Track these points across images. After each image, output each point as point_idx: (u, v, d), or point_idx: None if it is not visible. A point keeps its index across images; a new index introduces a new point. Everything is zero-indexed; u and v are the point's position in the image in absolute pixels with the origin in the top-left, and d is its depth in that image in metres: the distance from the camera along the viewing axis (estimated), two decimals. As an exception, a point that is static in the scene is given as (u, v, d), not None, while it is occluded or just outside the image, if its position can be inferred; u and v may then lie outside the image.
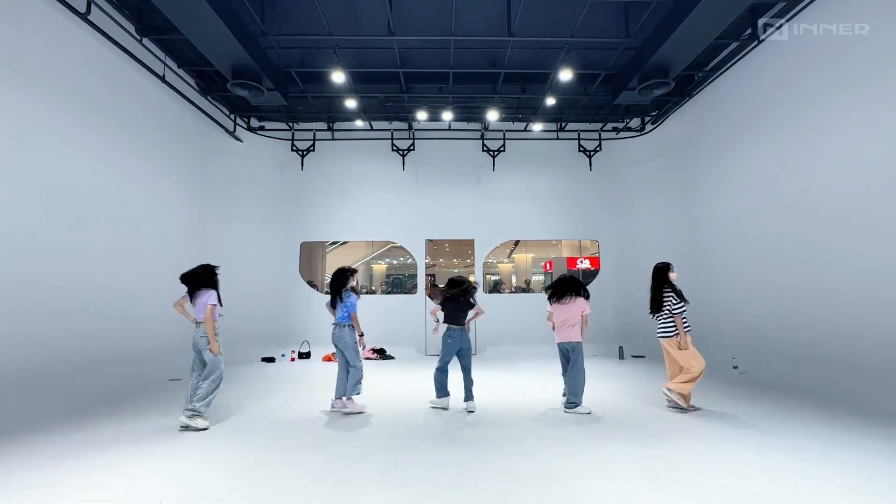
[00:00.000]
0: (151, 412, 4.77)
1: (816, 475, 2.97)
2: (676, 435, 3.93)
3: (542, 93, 8.10)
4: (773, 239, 6.55)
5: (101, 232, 6.09)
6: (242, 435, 3.99)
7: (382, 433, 4.05)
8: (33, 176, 5.09)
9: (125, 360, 6.34)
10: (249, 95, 6.75)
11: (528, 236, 10.21)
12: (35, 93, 5.11)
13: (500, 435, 3.97)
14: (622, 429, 4.10)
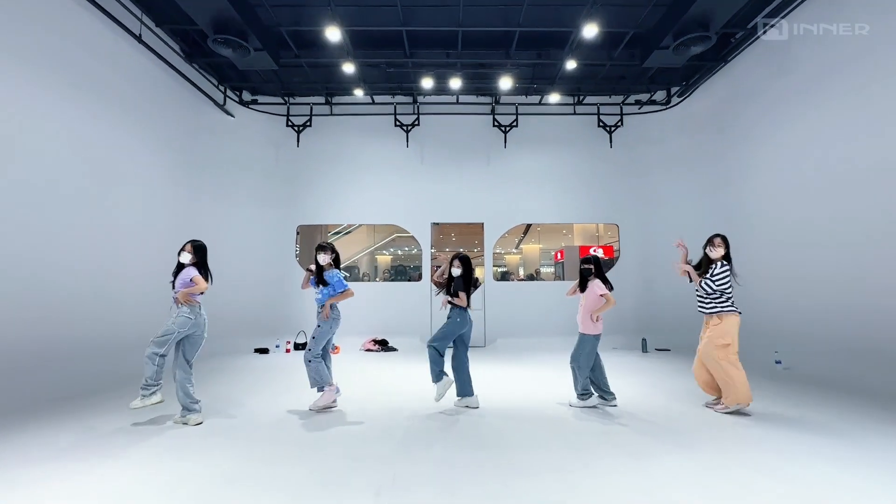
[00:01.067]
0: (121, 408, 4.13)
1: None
2: (730, 442, 3.22)
3: (560, 58, 7.30)
4: (817, 222, 5.87)
5: (72, 211, 5.45)
6: (216, 439, 3.33)
7: (380, 438, 3.37)
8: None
9: (98, 351, 5.72)
10: (234, 56, 6.03)
11: (541, 220, 9.43)
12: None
13: (521, 440, 3.28)
14: (669, 435, 3.39)
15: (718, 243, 4.16)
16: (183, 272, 3.89)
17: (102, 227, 5.91)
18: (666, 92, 8.97)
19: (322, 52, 7.35)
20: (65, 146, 5.34)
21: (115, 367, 5.61)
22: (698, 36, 5.64)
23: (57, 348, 5.11)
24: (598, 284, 4.28)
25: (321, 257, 4.27)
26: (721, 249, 4.15)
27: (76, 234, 5.50)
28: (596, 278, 4.35)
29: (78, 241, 5.52)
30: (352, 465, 2.81)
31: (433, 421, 3.83)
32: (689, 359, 7.18)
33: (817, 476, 2.61)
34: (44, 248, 5.03)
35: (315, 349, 4.14)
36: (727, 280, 4.03)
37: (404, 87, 8.55)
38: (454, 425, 3.69)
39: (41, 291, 4.98)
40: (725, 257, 4.16)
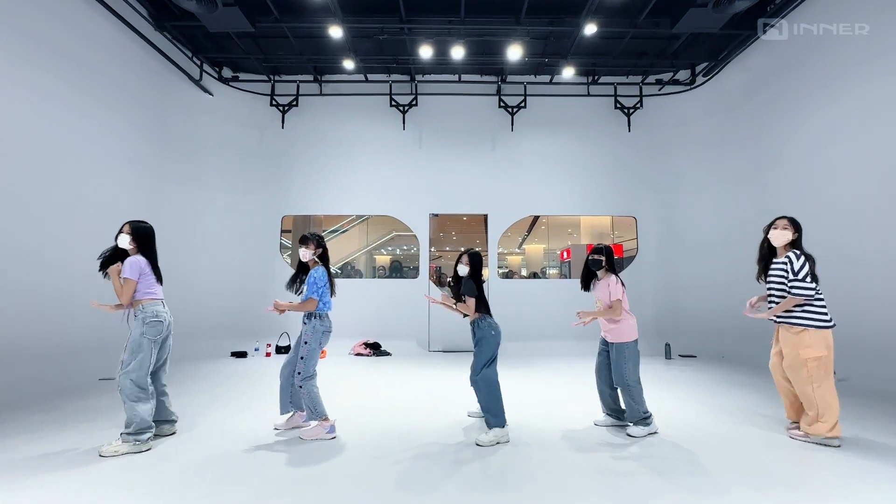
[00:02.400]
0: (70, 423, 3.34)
1: None
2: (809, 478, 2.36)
3: (576, 25, 6.44)
4: (871, 216, 5.06)
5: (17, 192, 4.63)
6: (168, 463, 2.50)
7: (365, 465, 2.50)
8: None
9: (46, 355, 4.87)
10: (200, 11, 5.18)
11: (552, 212, 8.55)
12: None
13: (535, 472, 2.41)
14: (718, 467, 2.51)
15: (784, 225, 3.23)
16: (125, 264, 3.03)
17: (54, 214, 5.08)
18: (690, 71, 8.11)
19: (307, 17, 6.49)
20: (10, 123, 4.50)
21: (60, 374, 4.78)
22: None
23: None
24: (615, 283, 3.36)
25: (303, 252, 3.36)
26: (788, 233, 3.21)
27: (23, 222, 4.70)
28: (610, 273, 3.44)
29: (21, 231, 4.70)
30: (332, 497, 1.94)
31: (434, 445, 2.96)
32: (718, 366, 6.37)
33: None
34: None
35: (306, 371, 3.23)
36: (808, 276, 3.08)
37: (400, 60, 7.67)
38: (460, 452, 2.82)
39: None
40: (795, 245, 3.23)
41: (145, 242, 3.16)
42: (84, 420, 3.57)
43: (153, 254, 3.19)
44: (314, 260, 3.41)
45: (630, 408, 3.33)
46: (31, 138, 4.84)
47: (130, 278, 2.97)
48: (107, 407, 3.94)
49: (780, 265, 3.22)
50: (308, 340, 3.26)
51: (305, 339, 3.27)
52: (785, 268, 3.16)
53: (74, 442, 3.03)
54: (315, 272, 3.31)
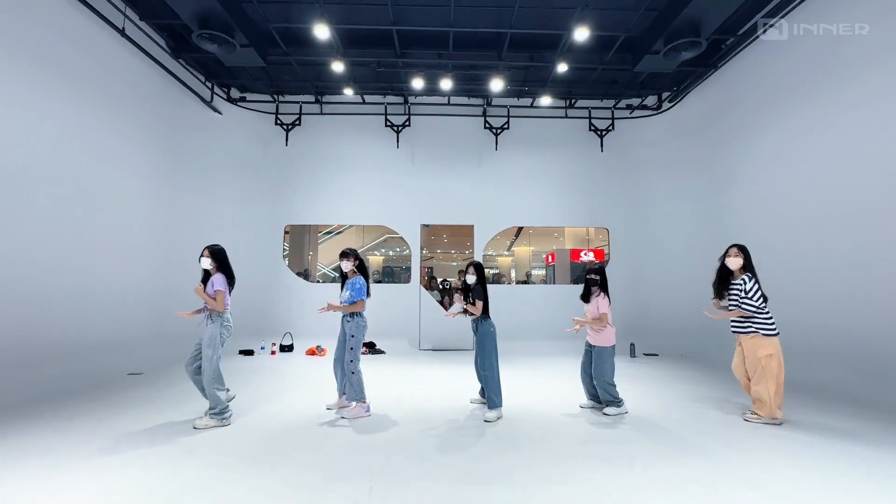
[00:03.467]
0: (98, 414, 4.02)
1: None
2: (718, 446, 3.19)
3: (552, 61, 7.26)
4: (811, 229, 5.86)
5: (50, 206, 5.28)
6: (198, 445, 3.24)
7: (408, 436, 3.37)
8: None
9: (78, 352, 5.56)
10: (220, 52, 5.90)
11: (532, 223, 9.39)
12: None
13: (535, 438, 3.21)
14: (660, 443, 3.34)
15: (735, 253, 4.06)
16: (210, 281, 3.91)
17: (81, 224, 5.74)
18: (657, 97, 8.99)
19: (311, 50, 7.24)
20: (43, 140, 5.17)
21: (92, 369, 5.47)
22: (689, 41, 5.62)
23: (32, 349, 4.95)
24: (604, 302, 4.23)
25: (344, 264, 4.25)
26: (739, 259, 4.04)
27: (53, 231, 5.33)
28: (602, 292, 4.29)
29: (55, 238, 5.36)
30: (329, 473, 2.72)
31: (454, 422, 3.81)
32: (678, 364, 7.24)
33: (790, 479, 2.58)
34: (20, 245, 4.87)
35: (357, 361, 4.09)
36: (760, 294, 3.93)
37: (395, 87, 8.46)
38: (473, 426, 3.64)
39: (15, 291, 4.82)
40: (747, 269, 4.05)
41: (222, 261, 3.99)
42: (152, 405, 4.31)
43: (229, 269, 4.01)
44: (353, 270, 4.25)
45: (605, 397, 4.21)
46: (60, 157, 5.43)
47: (221, 289, 3.83)
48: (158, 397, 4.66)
49: (737, 285, 4.04)
50: (354, 334, 4.10)
51: (352, 334, 4.09)
52: (741, 288, 3.97)
53: (166, 417, 3.83)
54: (357, 280, 4.17)
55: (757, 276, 4.01)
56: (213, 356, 3.75)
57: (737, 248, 4.06)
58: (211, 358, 3.74)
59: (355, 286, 4.14)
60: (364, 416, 4.04)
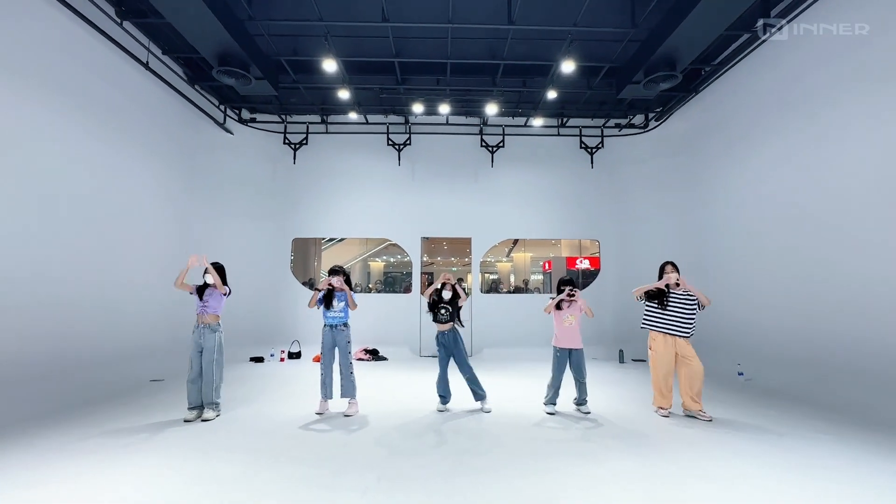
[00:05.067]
0: (126, 415, 4.51)
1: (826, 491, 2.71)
2: (681, 446, 3.67)
3: (543, 86, 7.79)
4: (780, 243, 6.32)
5: (77, 225, 5.76)
6: (217, 444, 3.72)
7: (372, 445, 3.77)
8: (3, 169, 4.77)
9: (103, 361, 6.05)
10: (237, 84, 6.43)
11: (526, 235, 9.91)
12: (2, 80, 4.77)
13: (496, 447, 3.70)
14: (626, 440, 3.82)
15: (671, 269, 4.78)
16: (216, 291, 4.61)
17: (104, 241, 6.19)
18: (644, 116, 9.51)
19: (318, 77, 7.78)
20: (69, 164, 5.61)
21: (117, 377, 5.95)
22: (666, 74, 6.14)
23: (61, 359, 5.42)
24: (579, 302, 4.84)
25: (335, 280, 4.80)
26: (676, 274, 4.74)
27: (78, 248, 5.76)
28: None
29: (80, 256, 5.78)
30: (342, 466, 3.22)
31: (422, 429, 4.25)
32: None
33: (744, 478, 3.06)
34: (47, 262, 5.27)
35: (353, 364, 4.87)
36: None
37: (397, 109, 9.01)
38: (474, 420, 4.11)
39: (45, 305, 5.23)
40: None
41: (222, 275, 4.64)
42: (174, 407, 4.80)
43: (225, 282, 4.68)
44: (342, 287, 4.84)
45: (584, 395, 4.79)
46: (91, 179, 5.91)
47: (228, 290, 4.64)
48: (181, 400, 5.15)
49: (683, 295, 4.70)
50: (350, 340, 4.83)
51: (348, 340, 4.82)
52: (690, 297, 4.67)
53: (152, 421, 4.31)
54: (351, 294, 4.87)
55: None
56: (222, 360, 4.55)
57: (672, 266, 4.82)
58: (219, 361, 4.50)
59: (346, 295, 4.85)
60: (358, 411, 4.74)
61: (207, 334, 4.47)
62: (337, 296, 4.81)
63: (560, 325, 4.86)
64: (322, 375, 4.77)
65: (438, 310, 4.87)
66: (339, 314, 4.80)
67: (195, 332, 4.53)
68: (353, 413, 4.66)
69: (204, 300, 4.55)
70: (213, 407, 4.47)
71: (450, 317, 4.87)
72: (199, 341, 4.48)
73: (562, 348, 4.82)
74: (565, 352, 4.81)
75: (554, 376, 4.83)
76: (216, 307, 4.59)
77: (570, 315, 4.85)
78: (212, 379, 4.43)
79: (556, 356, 4.84)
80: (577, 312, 4.84)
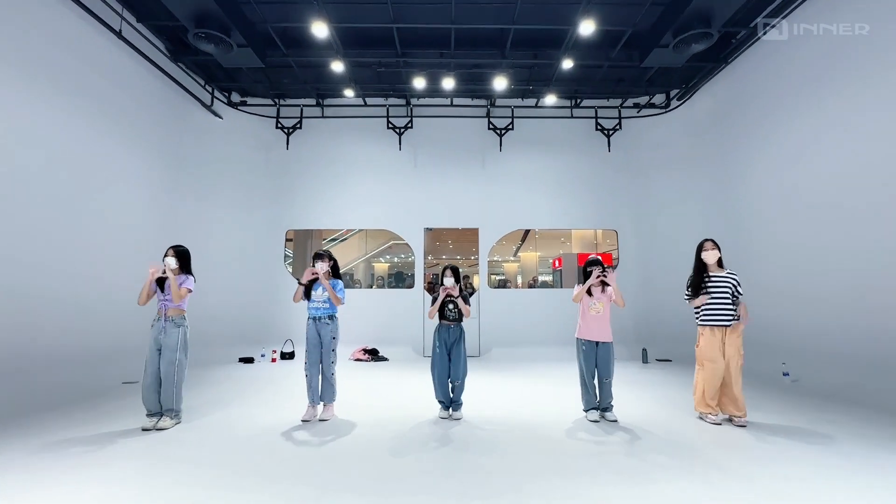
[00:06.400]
0: (84, 422, 3.84)
1: None
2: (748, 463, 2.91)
3: (556, 58, 7.08)
4: (828, 230, 5.58)
5: (45, 213, 5.16)
6: (190, 453, 3.02)
7: (367, 453, 3.04)
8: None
9: (71, 361, 5.39)
10: (217, 52, 5.79)
11: (538, 225, 9.16)
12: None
13: (514, 459, 2.96)
14: (667, 455, 3.06)
15: (711, 247, 4.09)
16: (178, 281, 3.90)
17: (78, 230, 5.62)
18: (665, 95, 8.76)
19: (311, 51, 7.12)
20: (39, 145, 5.07)
21: (86, 378, 5.31)
22: (700, 33, 5.41)
23: (21, 357, 4.79)
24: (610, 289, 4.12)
25: (320, 266, 4.10)
26: (717, 252, 4.07)
27: (50, 237, 5.20)
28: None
29: (52, 245, 5.23)
30: (322, 491, 2.49)
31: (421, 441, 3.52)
32: (691, 370, 6.89)
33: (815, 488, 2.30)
34: (16, 250, 4.76)
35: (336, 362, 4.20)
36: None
37: (397, 87, 8.32)
38: (452, 445, 3.38)
39: (13, 296, 4.71)
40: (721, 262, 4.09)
41: (187, 263, 4.00)
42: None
43: (190, 271, 4.01)
44: (328, 272, 4.17)
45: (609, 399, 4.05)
46: (58, 162, 5.34)
47: (191, 290, 3.92)
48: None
49: (723, 278, 3.99)
50: (336, 336, 4.15)
51: (334, 336, 4.12)
52: (733, 279, 3.98)
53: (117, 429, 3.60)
54: (338, 282, 4.18)
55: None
56: (185, 360, 3.87)
57: (712, 242, 4.10)
58: (182, 361, 3.82)
59: (338, 286, 4.15)
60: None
61: (170, 329, 3.83)
62: (321, 283, 4.13)
63: (586, 313, 4.13)
64: (308, 377, 4.10)
65: (445, 304, 4.17)
66: (323, 304, 4.12)
67: (154, 326, 3.87)
68: (330, 416, 4.08)
69: (166, 292, 3.87)
70: (171, 414, 3.78)
71: (458, 314, 4.19)
72: (158, 338, 3.82)
73: (587, 340, 4.09)
74: (591, 344, 4.08)
75: (583, 374, 4.11)
76: (181, 300, 3.91)
77: (599, 302, 4.12)
78: (172, 382, 3.75)
79: (582, 350, 4.11)
80: (607, 300, 4.10)
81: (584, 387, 4.12)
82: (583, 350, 4.11)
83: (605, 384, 4.03)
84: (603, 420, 4.02)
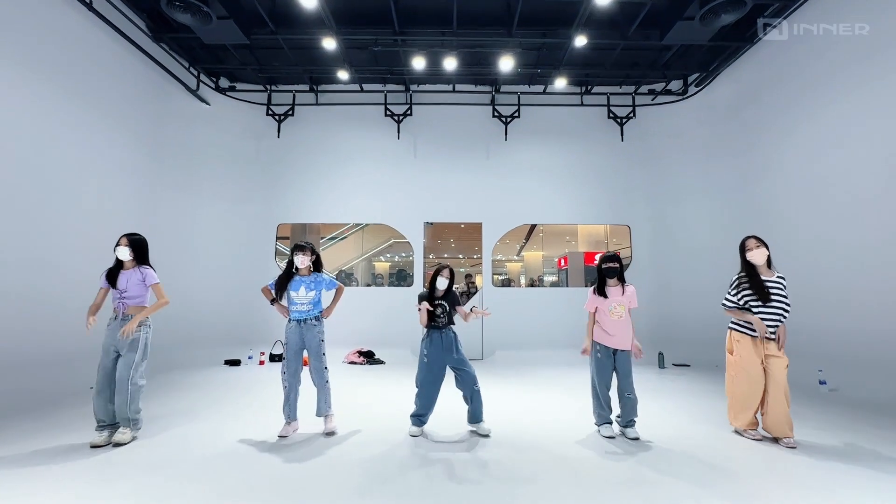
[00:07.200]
0: (30, 434, 3.33)
1: None
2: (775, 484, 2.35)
3: (567, 37, 6.52)
4: (867, 226, 5.02)
5: (18, 207, 4.69)
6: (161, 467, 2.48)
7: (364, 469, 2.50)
8: None
9: (34, 364, 4.88)
10: (195, 23, 5.27)
11: (545, 220, 8.59)
12: None
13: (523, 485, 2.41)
14: (717, 479, 2.50)
15: (756, 244, 3.48)
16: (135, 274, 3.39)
17: (49, 221, 5.11)
18: (682, 80, 8.18)
19: (301, 29, 6.59)
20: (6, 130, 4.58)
21: (47, 384, 4.78)
22: (730, 1, 4.85)
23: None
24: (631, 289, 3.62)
25: (301, 259, 3.58)
26: (765, 250, 3.46)
27: (15, 229, 4.71)
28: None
29: (18, 238, 4.74)
30: None
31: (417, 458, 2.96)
32: (713, 376, 6.34)
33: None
34: None
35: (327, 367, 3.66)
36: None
37: (395, 71, 7.77)
38: (449, 460, 2.82)
39: None
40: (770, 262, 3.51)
41: (144, 254, 3.49)
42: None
43: (147, 263, 3.50)
44: (308, 267, 3.65)
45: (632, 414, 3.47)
46: (30, 147, 4.89)
47: (159, 282, 3.43)
48: None
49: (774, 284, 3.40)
50: (324, 339, 3.60)
51: (322, 338, 3.58)
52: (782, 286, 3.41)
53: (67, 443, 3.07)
54: (322, 277, 3.69)
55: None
56: (144, 363, 3.34)
57: (755, 239, 3.48)
58: (140, 365, 3.29)
59: (325, 281, 3.65)
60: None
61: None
62: (303, 280, 3.59)
63: (605, 317, 3.57)
64: (286, 388, 3.51)
65: (434, 308, 3.57)
66: (306, 305, 3.56)
67: (111, 326, 3.35)
68: (333, 429, 3.51)
69: (120, 288, 3.34)
70: (129, 424, 3.25)
71: (448, 318, 3.63)
72: (114, 339, 3.29)
73: (604, 346, 3.53)
74: (608, 351, 3.53)
75: (597, 384, 3.55)
76: (140, 296, 3.42)
77: (619, 305, 3.56)
78: (127, 387, 3.21)
79: (597, 357, 3.56)
80: (627, 302, 3.56)
81: (597, 398, 3.57)
82: (597, 356, 3.56)
83: (628, 400, 3.46)
84: (622, 436, 3.47)
